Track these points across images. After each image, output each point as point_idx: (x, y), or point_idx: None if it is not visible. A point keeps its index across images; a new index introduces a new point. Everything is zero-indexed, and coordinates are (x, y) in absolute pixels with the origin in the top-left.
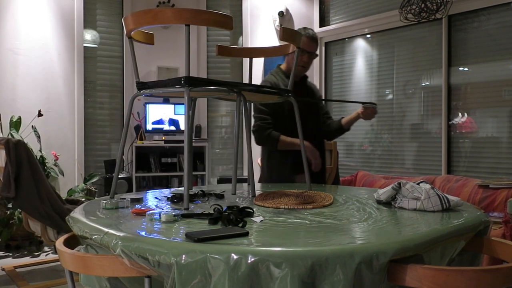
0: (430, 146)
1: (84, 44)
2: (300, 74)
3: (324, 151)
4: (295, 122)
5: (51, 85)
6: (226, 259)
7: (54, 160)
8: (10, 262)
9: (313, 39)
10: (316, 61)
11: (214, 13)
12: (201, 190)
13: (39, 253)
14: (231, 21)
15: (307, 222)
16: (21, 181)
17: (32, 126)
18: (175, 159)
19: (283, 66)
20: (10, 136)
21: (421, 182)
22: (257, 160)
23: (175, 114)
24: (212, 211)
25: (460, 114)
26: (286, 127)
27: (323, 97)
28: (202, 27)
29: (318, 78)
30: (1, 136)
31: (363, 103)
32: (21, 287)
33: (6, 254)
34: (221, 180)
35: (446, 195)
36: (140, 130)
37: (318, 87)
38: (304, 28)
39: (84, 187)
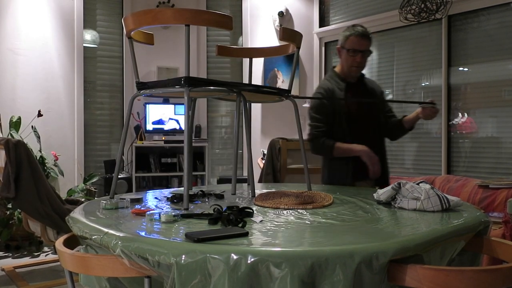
0: (430, 146)
1: (84, 44)
2: (355, 74)
3: (385, 153)
4: (353, 126)
5: (51, 85)
6: (226, 259)
7: (54, 160)
8: (10, 262)
9: (364, 35)
10: (316, 61)
11: (214, 13)
12: (201, 190)
13: (39, 253)
14: (231, 21)
15: (307, 222)
16: (21, 182)
17: (32, 126)
18: (175, 159)
19: (337, 69)
20: (10, 136)
21: (421, 182)
22: (257, 160)
23: (175, 114)
24: (212, 211)
25: (460, 114)
26: (344, 132)
27: None
28: (202, 27)
29: (317, 79)
30: (1, 136)
31: (420, 103)
32: (21, 287)
33: (6, 254)
34: (221, 180)
35: (446, 195)
36: (140, 130)
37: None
38: (353, 26)
39: (84, 187)
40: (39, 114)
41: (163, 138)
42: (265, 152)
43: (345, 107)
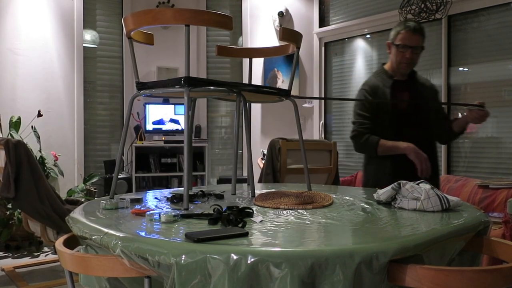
0: None
1: (84, 44)
2: (404, 71)
3: (437, 155)
4: (398, 126)
5: (51, 85)
6: (226, 259)
7: (54, 161)
8: (9, 262)
9: (415, 31)
10: (316, 61)
11: (214, 13)
12: (201, 191)
13: (39, 253)
14: (231, 21)
15: (307, 222)
16: (21, 182)
17: (32, 126)
18: (175, 159)
19: (386, 66)
20: (9, 137)
21: (421, 182)
22: (257, 160)
23: (175, 114)
24: (212, 212)
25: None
26: (386, 132)
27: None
28: (202, 27)
29: (317, 79)
30: (1, 136)
31: (467, 105)
32: (21, 287)
33: (6, 254)
34: (221, 181)
35: (446, 195)
36: (140, 130)
37: (320, 88)
38: (405, 21)
39: (84, 188)
40: (39, 114)
41: (163, 138)
42: (265, 152)
43: (389, 106)
